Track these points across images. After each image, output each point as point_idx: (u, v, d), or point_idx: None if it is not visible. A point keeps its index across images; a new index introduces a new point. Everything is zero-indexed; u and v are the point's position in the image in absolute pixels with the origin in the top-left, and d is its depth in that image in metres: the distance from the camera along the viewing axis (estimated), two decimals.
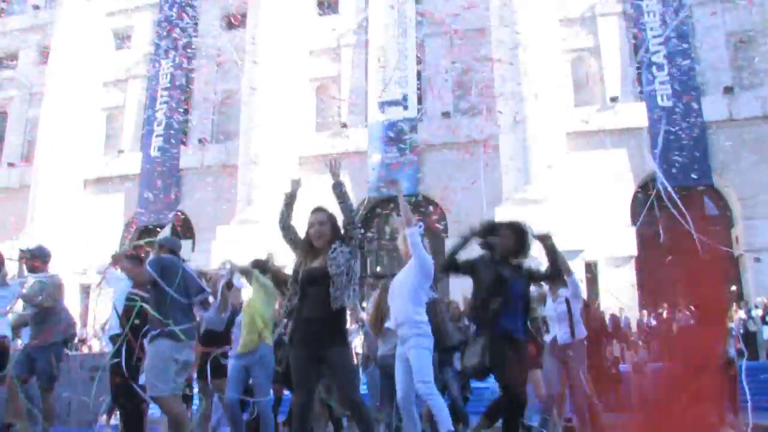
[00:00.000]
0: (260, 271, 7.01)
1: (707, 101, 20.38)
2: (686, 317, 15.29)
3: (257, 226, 20.50)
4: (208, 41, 25.44)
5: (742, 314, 17.28)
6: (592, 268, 19.40)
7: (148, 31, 26.88)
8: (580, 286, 7.26)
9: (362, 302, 9.89)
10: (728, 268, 19.47)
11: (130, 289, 6.62)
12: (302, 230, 4.89)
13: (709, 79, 21.00)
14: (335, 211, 4.86)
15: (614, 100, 21.37)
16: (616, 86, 21.61)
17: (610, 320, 16.50)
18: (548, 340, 6.56)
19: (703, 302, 3.08)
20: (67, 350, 10.59)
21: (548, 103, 19.85)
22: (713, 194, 20.88)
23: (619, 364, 15.56)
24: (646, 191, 20.13)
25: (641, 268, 19.70)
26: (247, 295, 7.60)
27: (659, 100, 20.32)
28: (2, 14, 29.53)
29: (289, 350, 4.64)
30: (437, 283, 6.01)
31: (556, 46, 21.14)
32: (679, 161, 19.49)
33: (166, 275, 5.47)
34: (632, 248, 19.53)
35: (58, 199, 24.28)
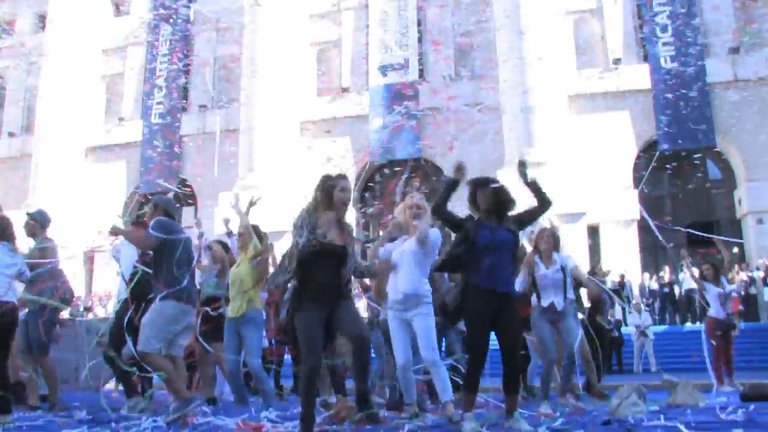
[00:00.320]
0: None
1: (711, 62, 20.17)
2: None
3: (259, 191, 20.45)
4: (207, 6, 25.16)
5: (743, 276, 17.33)
6: (594, 231, 19.43)
7: None
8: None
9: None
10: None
11: (136, 259, 6.65)
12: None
13: (713, 39, 20.75)
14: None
15: (617, 62, 21.16)
16: (618, 48, 21.39)
17: (612, 284, 16.61)
18: (544, 305, 6.50)
19: None
20: (70, 315, 10.69)
21: (550, 65, 19.67)
22: (716, 156, 20.80)
23: (620, 327, 15.70)
24: (648, 154, 20.05)
25: (643, 231, 19.73)
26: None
27: (662, 61, 20.12)
28: None
29: (296, 314, 4.61)
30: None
31: (558, 7, 20.88)
32: (682, 123, 19.37)
33: (159, 230, 5.42)
34: (634, 211, 19.50)
35: (59, 168, 24.26)
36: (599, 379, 8.59)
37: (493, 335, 4.72)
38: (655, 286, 18.51)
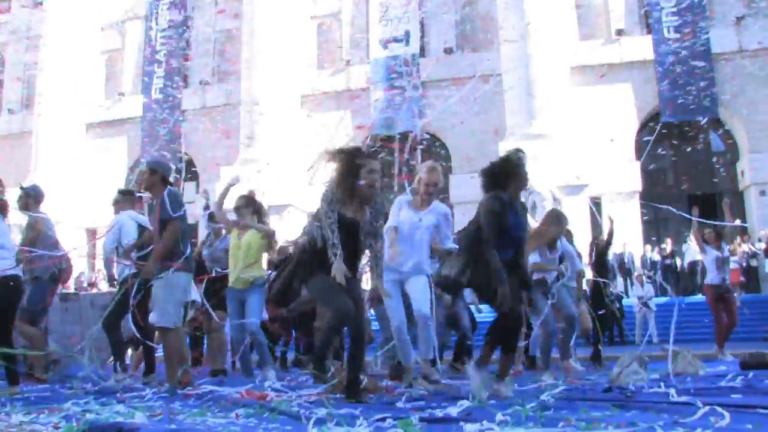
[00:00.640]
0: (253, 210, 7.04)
1: (716, 32, 19.92)
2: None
3: (260, 165, 20.52)
4: None
5: (745, 247, 17.34)
6: (596, 203, 19.38)
7: None
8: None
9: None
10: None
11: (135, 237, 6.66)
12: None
13: (718, 9, 20.52)
14: None
15: (620, 33, 20.97)
16: (621, 19, 21.19)
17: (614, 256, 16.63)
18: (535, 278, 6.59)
19: None
20: (73, 289, 10.70)
21: (552, 36, 19.51)
22: (719, 128, 20.69)
23: (622, 299, 15.72)
24: (651, 126, 19.96)
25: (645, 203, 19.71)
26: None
27: (666, 32, 19.89)
28: None
29: (310, 279, 4.63)
30: None
31: None
32: (685, 95, 19.24)
33: (176, 207, 5.39)
34: (636, 183, 19.46)
35: (60, 144, 24.17)
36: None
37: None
38: (657, 257, 18.54)
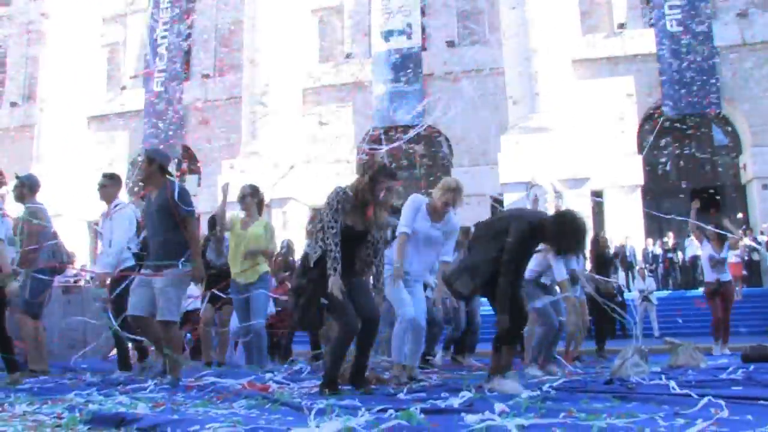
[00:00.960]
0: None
1: (718, 25, 19.88)
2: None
3: (262, 158, 20.50)
4: None
5: (747, 241, 17.32)
6: (598, 196, 19.38)
7: None
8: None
9: None
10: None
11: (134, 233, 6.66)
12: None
13: (720, 2, 20.44)
14: None
15: (622, 26, 20.92)
16: (623, 12, 21.13)
17: (615, 249, 16.61)
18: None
19: None
20: (75, 281, 10.72)
21: (554, 30, 19.46)
22: (722, 122, 20.66)
23: (623, 292, 15.71)
24: (653, 119, 19.92)
25: (647, 196, 19.70)
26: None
27: (668, 25, 19.85)
28: None
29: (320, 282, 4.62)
30: None
31: None
32: (687, 88, 19.21)
33: (190, 202, 5.39)
34: (638, 177, 19.42)
35: (62, 137, 24.21)
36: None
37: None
38: (658, 251, 18.54)
